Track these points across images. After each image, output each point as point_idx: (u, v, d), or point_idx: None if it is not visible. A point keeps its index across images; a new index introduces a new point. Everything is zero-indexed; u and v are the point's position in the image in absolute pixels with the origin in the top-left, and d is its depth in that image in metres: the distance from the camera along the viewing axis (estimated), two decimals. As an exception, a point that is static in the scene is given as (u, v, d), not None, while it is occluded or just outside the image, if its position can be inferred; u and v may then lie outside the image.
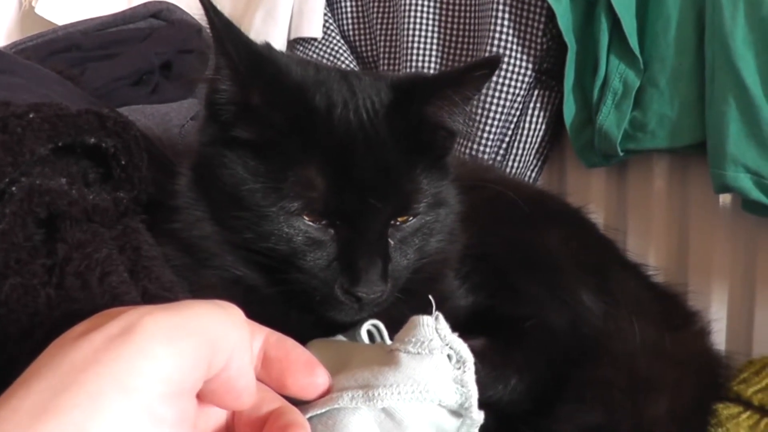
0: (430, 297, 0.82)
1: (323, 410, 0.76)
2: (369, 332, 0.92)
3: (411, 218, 0.95)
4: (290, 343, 0.73)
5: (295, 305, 0.94)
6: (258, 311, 0.89)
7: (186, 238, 0.94)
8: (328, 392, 0.75)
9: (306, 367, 0.73)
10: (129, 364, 0.52)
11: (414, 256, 0.97)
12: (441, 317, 0.80)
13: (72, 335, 0.55)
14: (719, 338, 1.55)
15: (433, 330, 0.78)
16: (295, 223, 0.89)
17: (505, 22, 1.76)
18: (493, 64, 0.97)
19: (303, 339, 0.91)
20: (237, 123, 0.91)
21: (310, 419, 0.78)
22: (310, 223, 0.89)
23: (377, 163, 0.90)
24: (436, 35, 1.94)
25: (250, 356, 0.66)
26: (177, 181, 0.96)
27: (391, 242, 0.93)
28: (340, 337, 0.94)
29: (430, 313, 0.80)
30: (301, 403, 0.75)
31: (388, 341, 0.89)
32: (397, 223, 0.94)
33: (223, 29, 0.88)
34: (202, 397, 0.61)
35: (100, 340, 0.53)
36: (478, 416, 0.79)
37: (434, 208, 0.98)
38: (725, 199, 1.65)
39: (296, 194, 0.88)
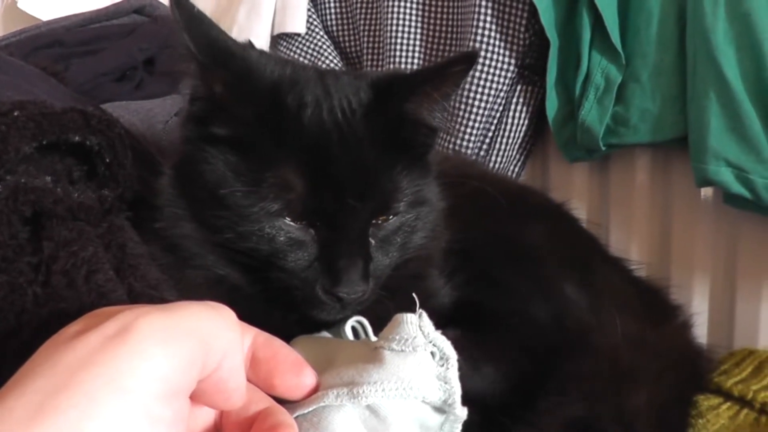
0: (414, 295, 0.82)
1: (310, 409, 0.77)
2: (353, 328, 0.93)
3: (392, 217, 0.95)
4: (278, 344, 0.73)
5: (279, 304, 0.94)
6: (242, 310, 0.90)
7: (168, 237, 0.94)
8: (315, 391, 0.76)
9: (294, 368, 0.73)
10: (125, 364, 0.52)
11: (396, 253, 0.97)
12: (424, 315, 0.80)
13: (67, 335, 0.55)
14: (701, 331, 1.56)
15: (416, 327, 0.79)
16: (276, 224, 0.89)
17: (488, 18, 1.77)
18: (470, 59, 0.97)
19: (287, 337, 0.92)
20: (211, 119, 0.91)
21: (296, 418, 0.79)
22: (291, 224, 0.90)
23: (354, 163, 0.90)
24: (419, 31, 1.94)
25: (242, 357, 0.67)
26: (159, 179, 0.96)
27: (372, 242, 0.94)
28: (325, 334, 0.94)
29: (414, 311, 0.81)
30: (287, 402, 0.76)
31: (373, 338, 0.89)
32: (378, 222, 0.94)
33: (185, 21, 0.87)
34: (193, 397, 0.62)
35: (96, 341, 0.53)
36: (462, 412, 0.80)
37: (415, 207, 0.98)
38: (707, 192, 1.67)
39: (275, 195, 0.88)
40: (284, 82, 0.93)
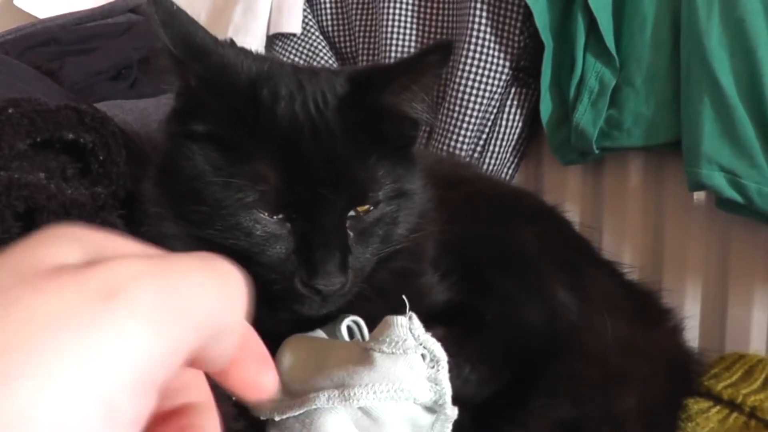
0: (404, 297, 0.83)
1: (301, 411, 0.77)
2: (349, 328, 0.93)
3: (371, 208, 0.96)
4: (249, 333, 0.66)
5: (264, 301, 0.95)
6: None
7: (153, 237, 0.95)
8: (272, 392, 0.75)
9: (259, 362, 0.64)
10: (100, 340, 0.42)
11: (378, 246, 0.98)
12: (414, 317, 0.81)
13: (40, 265, 0.43)
14: (693, 335, 1.57)
15: (407, 330, 0.80)
16: (253, 217, 0.90)
17: (483, 20, 1.77)
18: (444, 48, 0.98)
19: (277, 335, 0.93)
20: (191, 115, 0.93)
21: (288, 419, 0.79)
22: (267, 217, 0.91)
23: (326, 154, 0.91)
24: (414, 32, 1.95)
25: (235, 342, 0.56)
26: (143, 183, 0.97)
27: (351, 234, 0.94)
28: (319, 332, 0.95)
29: (404, 312, 0.82)
30: (278, 403, 0.76)
31: (367, 337, 0.90)
32: (357, 214, 0.95)
33: (162, 17, 0.89)
34: None
35: (72, 294, 0.42)
36: (452, 412, 0.81)
37: (396, 199, 0.99)
38: (699, 196, 1.67)
39: (250, 187, 0.89)
40: (261, 77, 0.95)
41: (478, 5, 1.77)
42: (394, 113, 0.98)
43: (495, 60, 1.79)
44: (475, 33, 1.78)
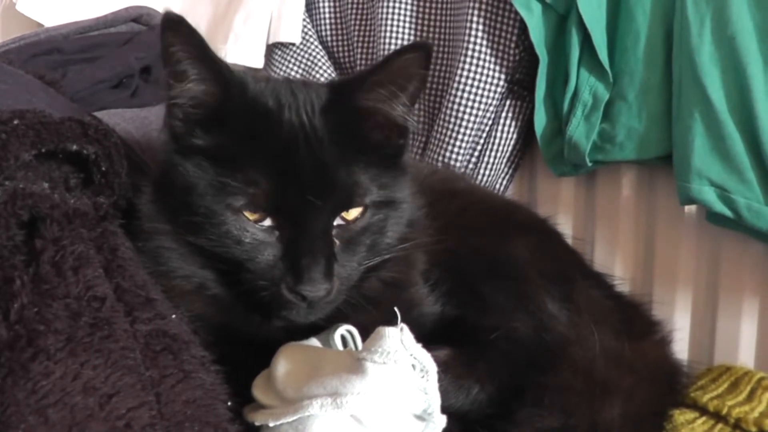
0: (396, 309, 0.85)
1: (295, 418, 0.80)
2: (342, 337, 0.96)
3: (358, 216, 0.98)
4: None
5: (258, 309, 0.98)
6: (225, 317, 0.94)
7: (149, 250, 0.99)
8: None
9: None
10: None
11: (365, 254, 1.01)
12: (406, 329, 0.83)
13: None
14: (682, 346, 1.58)
15: (398, 341, 0.82)
16: (241, 224, 0.94)
17: (479, 33, 1.79)
18: (421, 48, 1.00)
19: (272, 343, 0.96)
20: (196, 131, 0.96)
21: (282, 424, 0.82)
22: (256, 225, 0.94)
23: (315, 160, 0.95)
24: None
25: None
26: (139, 198, 1.00)
27: (337, 242, 0.97)
28: (314, 341, 0.97)
29: (397, 323, 0.84)
30: (273, 409, 0.78)
31: (360, 346, 0.92)
32: (344, 222, 0.98)
33: (196, 48, 0.93)
34: None
35: None
36: (440, 420, 0.83)
37: (383, 208, 1.01)
38: (690, 209, 1.68)
39: (240, 191, 0.92)
40: (263, 91, 0.99)
41: (475, 19, 1.79)
42: (372, 113, 1.00)
43: (490, 73, 1.80)
44: (471, 46, 1.80)
